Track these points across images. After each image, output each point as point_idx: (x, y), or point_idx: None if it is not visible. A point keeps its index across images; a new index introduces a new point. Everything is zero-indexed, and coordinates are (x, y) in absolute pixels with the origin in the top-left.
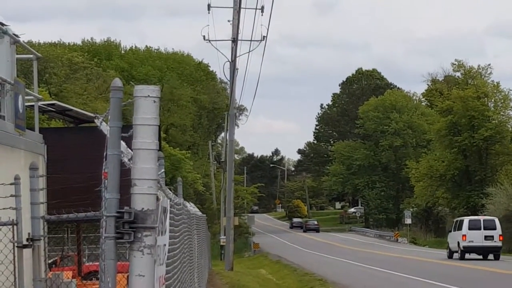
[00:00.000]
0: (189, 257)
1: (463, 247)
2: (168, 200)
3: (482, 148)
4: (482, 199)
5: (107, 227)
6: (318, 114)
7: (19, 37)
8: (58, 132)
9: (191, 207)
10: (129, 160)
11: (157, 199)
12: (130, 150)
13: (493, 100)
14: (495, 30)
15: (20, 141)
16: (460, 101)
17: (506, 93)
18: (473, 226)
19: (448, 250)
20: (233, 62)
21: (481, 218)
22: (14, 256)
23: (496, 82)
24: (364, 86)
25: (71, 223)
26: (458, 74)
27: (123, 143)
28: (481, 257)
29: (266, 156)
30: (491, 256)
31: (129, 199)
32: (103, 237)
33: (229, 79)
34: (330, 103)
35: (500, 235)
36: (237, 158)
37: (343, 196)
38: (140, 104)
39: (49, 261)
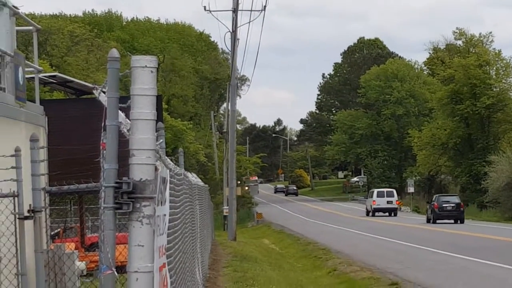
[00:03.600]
0: (191, 227)
1: (374, 208)
2: (168, 170)
3: (484, 116)
4: (484, 167)
5: (106, 198)
6: (320, 83)
7: (19, 9)
8: (59, 104)
9: (193, 177)
10: (128, 130)
11: (156, 169)
12: (128, 121)
13: (494, 68)
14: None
15: (20, 113)
16: (461, 70)
17: (508, 61)
18: (380, 195)
19: (366, 210)
20: (233, 32)
21: (385, 190)
22: (15, 228)
23: (498, 50)
24: (365, 55)
25: (73, 195)
26: (459, 42)
27: (122, 114)
28: (387, 214)
29: (268, 126)
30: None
31: (129, 170)
32: (102, 208)
33: (230, 49)
34: (332, 72)
35: (396, 201)
36: (239, 128)
37: (346, 166)
38: (137, 75)
39: (52, 233)
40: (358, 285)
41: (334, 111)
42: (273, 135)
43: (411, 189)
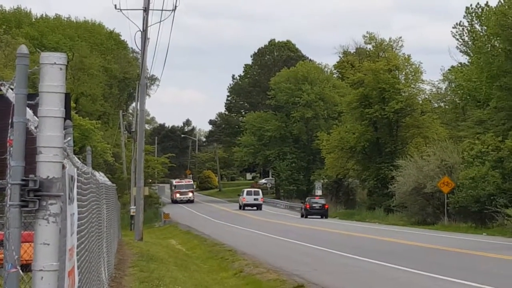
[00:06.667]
0: (98, 226)
1: (244, 204)
2: (75, 169)
3: (392, 120)
4: (391, 171)
5: (12, 195)
6: (230, 85)
7: None
8: None
9: (101, 176)
10: (35, 128)
11: (63, 167)
12: (36, 118)
13: (403, 73)
14: (401, 5)
15: None
16: (371, 74)
17: (417, 66)
18: (249, 193)
19: (238, 205)
20: (144, 32)
21: (252, 189)
22: None
23: (407, 55)
24: (276, 58)
25: None
26: (369, 46)
27: (29, 111)
28: (255, 208)
29: (177, 127)
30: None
31: (35, 168)
32: (7, 205)
33: (140, 48)
34: (242, 74)
35: (261, 198)
36: (148, 128)
37: (254, 167)
38: (46, 71)
39: None
40: (264, 286)
41: (243, 113)
42: (182, 135)
43: (318, 192)
